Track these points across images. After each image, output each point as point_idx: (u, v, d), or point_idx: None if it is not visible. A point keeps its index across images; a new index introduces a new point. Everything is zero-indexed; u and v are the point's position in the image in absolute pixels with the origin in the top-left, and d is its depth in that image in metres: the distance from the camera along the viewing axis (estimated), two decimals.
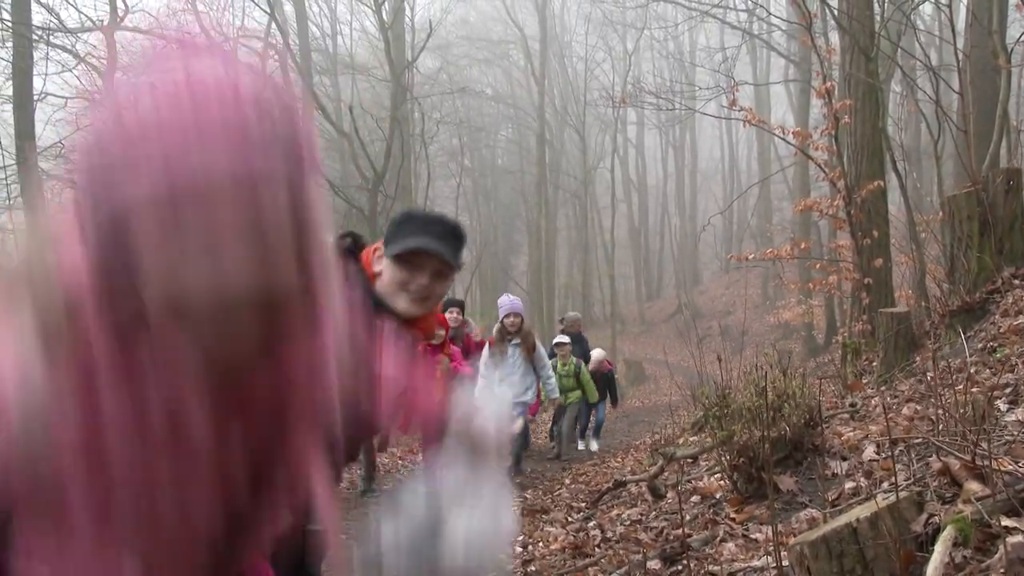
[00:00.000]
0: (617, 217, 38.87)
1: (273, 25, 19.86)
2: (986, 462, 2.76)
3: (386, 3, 19.70)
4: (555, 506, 7.02)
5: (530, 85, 39.16)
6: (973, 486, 2.73)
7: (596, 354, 12.01)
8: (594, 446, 11.49)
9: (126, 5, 18.57)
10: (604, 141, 42.92)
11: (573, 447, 11.20)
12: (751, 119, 10.41)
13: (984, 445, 2.80)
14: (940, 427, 3.44)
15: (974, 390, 3.70)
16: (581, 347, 11.71)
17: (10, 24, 12.06)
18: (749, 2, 21.98)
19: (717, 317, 30.89)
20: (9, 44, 12.38)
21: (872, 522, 2.60)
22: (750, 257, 13.37)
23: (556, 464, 10.21)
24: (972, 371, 4.50)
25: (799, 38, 15.17)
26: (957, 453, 3.02)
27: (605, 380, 11.98)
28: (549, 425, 12.66)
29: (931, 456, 3.33)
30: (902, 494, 2.74)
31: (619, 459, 9.66)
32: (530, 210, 38.31)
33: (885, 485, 3.48)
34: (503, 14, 39.09)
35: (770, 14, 21.49)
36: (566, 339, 10.86)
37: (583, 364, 10.97)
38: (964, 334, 4.75)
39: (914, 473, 3.30)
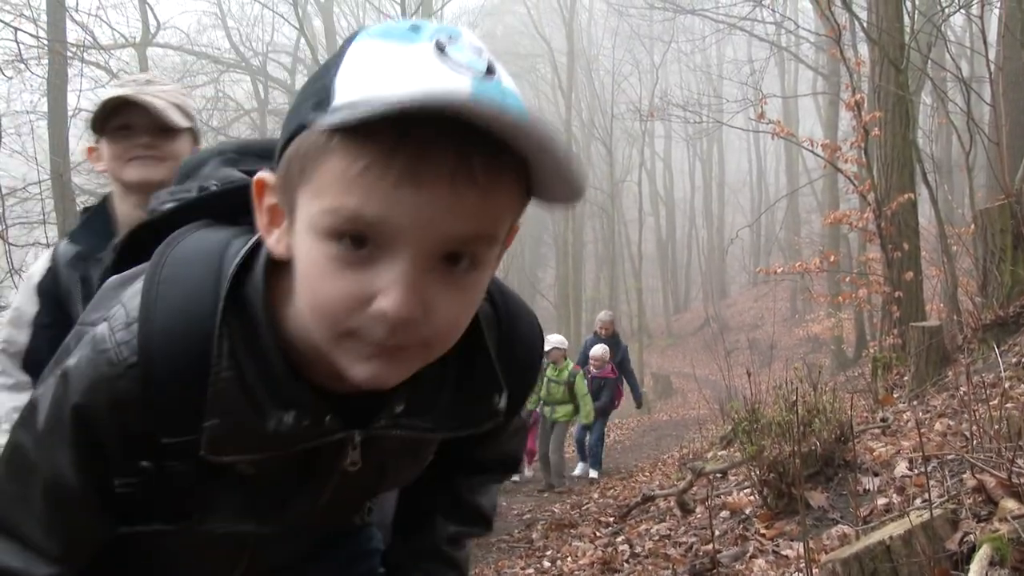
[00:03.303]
0: (644, 230, 38.76)
1: (302, 40, 20.02)
2: (1022, 480, 2.72)
3: (414, 18, 19.82)
4: (583, 520, 6.99)
5: (557, 99, 39.20)
6: (1009, 504, 2.69)
7: (596, 351, 10.06)
8: (592, 473, 9.83)
9: (158, 22, 18.91)
10: (631, 154, 42.84)
11: (567, 475, 9.68)
12: (779, 132, 10.37)
13: (1020, 463, 2.76)
14: (974, 443, 3.40)
15: (1008, 405, 3.65)
16: (615, 350, 10.26)
17: (47, 42, 12.26)
18: (777, 15, 21.91)
19: (745, 330, 30.70)
20: (45, 61, 12.59)
21: (906, 540, 2.57)
22: (778, 270, 13.30)
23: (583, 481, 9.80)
24: (1007, 386, 4.44)
25: (828, 50, 15.10)
26: (992, 470, 2.98)
27: (602, 388, 9.87)
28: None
29: (965, 473, 3.28)
30: (936, 511, 2.71)
31: (647, 473, 9.60)
32: (557, 223, 38.23)
33: (918, 502, 3.44)
34: (530, 28, 39.24)
35: (798, 26, 21.40)
36: (561, 342, 9.47)
37: (580, 373, 9.37)
38: (997, 348, 4.69)
39: (948, 490, 3.26)
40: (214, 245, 1.00)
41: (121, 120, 2.11)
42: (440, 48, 0.80)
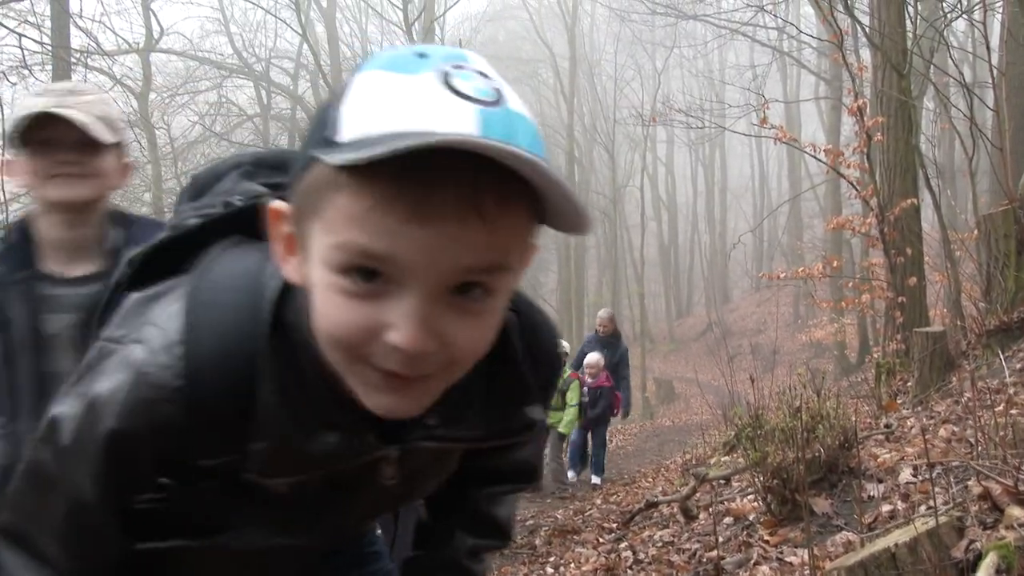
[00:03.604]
0: (647, 235, 38.78)
1: (305, 46, 20.04)
2: None
3: (416, 24, 19.85)
4: (586, 527, 6.97)
5: (559, 104, 39.25)
6: (1015, 511, 2.68)
7: (589, 360, 9.75)
8: (595, 480, 9.83)
9: (161, 28, 18.95)
10: (633, 159, 42.87)
11: (561, 483, 9.53)
12: (782, 137, 10.35)
13: None
14: (979, 450, 3.39)
15: (1013, 412, 3.64)
16: (612, 352, 9.98)
17: (51, 48, 12.28)
18: (779, 20, 21.91)
19: (748, 335, 30.67)
20: (49, 67, 12.61)
21: (911, 547, 2.56)
22: (781, 275, 13.26)
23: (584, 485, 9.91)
24: (1011, 392, 4.43)
25: (830, 55, 15.08)
26: (998, 477, 2.97)
27: (598, 397, 9.67)
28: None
29: (970, 480, 3.28)
30: (941, 519, 2.70)
31: (650, 479, 9.58)
32: None
33: (922, 509, 3.43)
34: (532, 34, 39.29)
35: (800, 31, 21.35)
36: (563, 347, 8.83)
37: (575, 383, 9.26)
38: (1002, 354, 4.68)
39: (953, 497, 3.25)
40: (251, 266, 1.00)
41: (43, 134, 1.98)
42: (445, 78, 0.80)
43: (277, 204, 0.93)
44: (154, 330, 0.96)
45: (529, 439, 1.27)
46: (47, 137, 1.97)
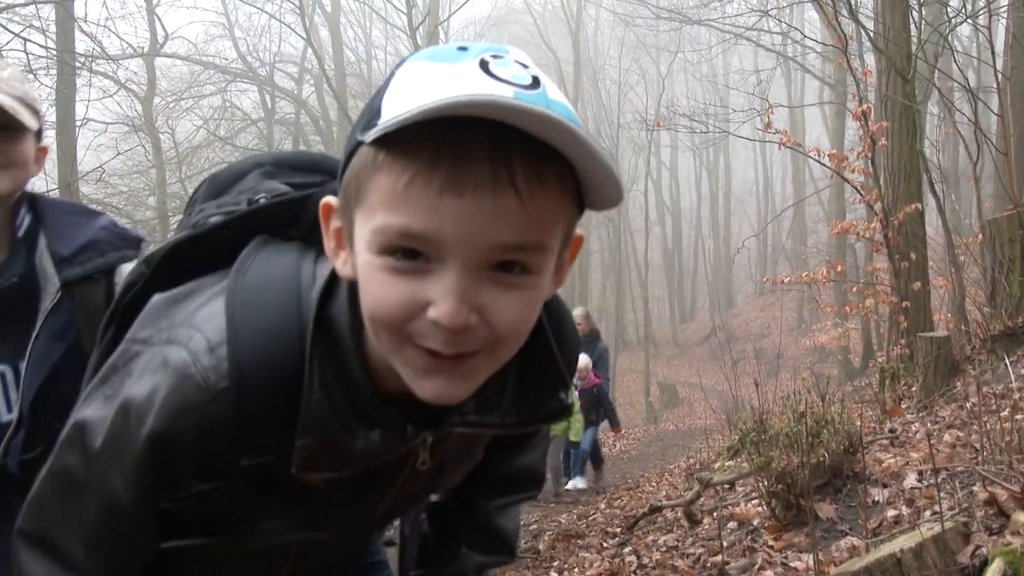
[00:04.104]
0: (651, 240, 38.75)
1: (309, 50, 20.08)
2: None
3: (420, 28, 19.87)
4: (590, 531, 6.96)
5: None
6: (1022, 517, 2.67)
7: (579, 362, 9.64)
8: (580, 483, 9.88)
9: (166, 32, 19.02)
10: (638, 164, 42.85)
11: (561, 490, 9.47)
12: (786, 142, 10.34)
13: None
14: (985, 455, 3.38)
15: (1019, 417, 3.63)
16: (590, 352, 9.89)
17: (56, 52, 12.31)
18: (783, 25, 21.91)
19: (752, 340, 30.64)
20: (54, 72, 12.64)
21: (917, 553, 2.55)
22: (785, 280, 13.26)
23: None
24: (1017, 397, 4.42)
25: (834, 60, 15.10)
26: (1004, 483, 2.96)
27: (592, 398, 9.82)
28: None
29: (975, 485, 3.26)
30: (947, 524, 2.69)
31: (654, 483, 9.57)
32: None
33: (927, 514, 3.42)
34: (537, 38, 39.30)
35: (805, 36, 21.35)
36: None
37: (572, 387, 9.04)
38: (1007, 359, 4.67)
39: (958, 502, 3.24)
40: (289, 266, 1.01)
41: None
42: (484, 65, 0.81)
43: (329, 199, 0.94)
44: (193, 331, 0.96)
45: (536, 434, 1.28)
46: None
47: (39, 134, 1.89)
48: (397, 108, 0.79)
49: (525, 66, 0.83)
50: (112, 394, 0.97)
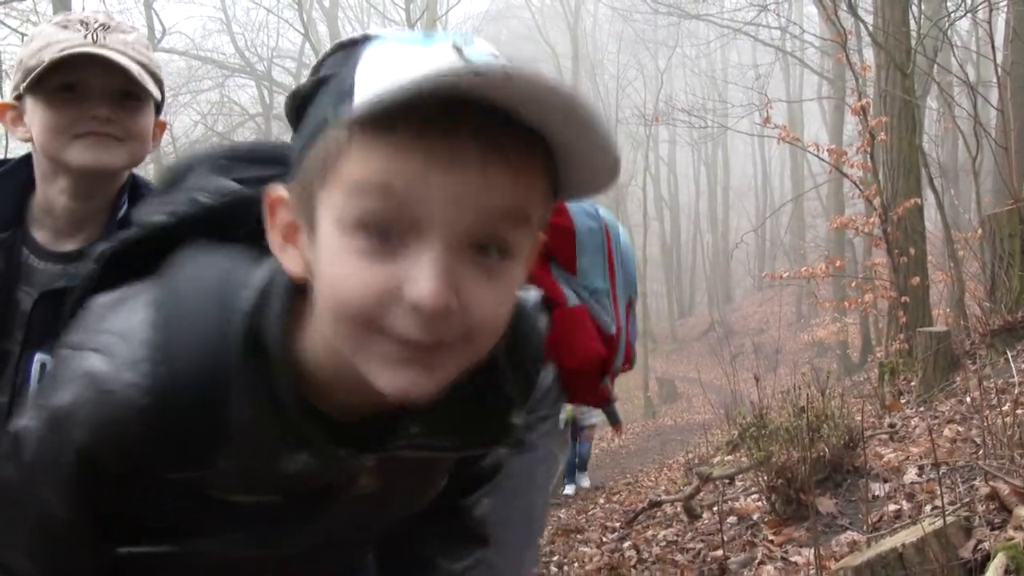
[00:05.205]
0: (649, 235, 38.74)
1: (307, 45, 20.06)
2: None
3: (418, 23, 19.85)
4: (589, 526, 6.97)
5: None
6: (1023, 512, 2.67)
7: None
8: (584, 482, 9.98)
9: (163, 27, 18.96)
10: (636, 159, 42.79)
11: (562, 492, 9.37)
12: (785, 136, 10.34)
13: None
14: (986, 450, 3.38)
15: (1019, 412, 3.63)
16: None
17: None
18: (782, 19, 21.92)
19: (750, 335, 30.65)
20: None
21: (918, 547, 2.55)
22: (784, 275, 13.26)
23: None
24: (1017, 392, 4.42)
25: (833, 55, 15.07)
26: (1006, 477, 2.95)
27: None
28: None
29: (976, 480, 3.26)
30: (949, 519, 2.69)
31: (653, 478, 9.58)
32: None
33: (928, 509, 3.42)
34: (535, 33, 39.32)
35: (803, 31, 21.38)
36: None
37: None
38: (1008, 353, 4.67)
39: (959, 497, 3.24)
40: (220, 275, 0.94)
41: (67, 77, 1.54)
42: (457, 48, 0.79)
43: (276, 190, 0.88)
44: (115, 340, 0.91)
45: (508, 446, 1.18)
46: (74, 82, 1.54)
47: (159, 107, 1.72)
48: (375, 85, 0.76)
49: (495, 54, 0.82)
50: (44, 404, 0.94)
